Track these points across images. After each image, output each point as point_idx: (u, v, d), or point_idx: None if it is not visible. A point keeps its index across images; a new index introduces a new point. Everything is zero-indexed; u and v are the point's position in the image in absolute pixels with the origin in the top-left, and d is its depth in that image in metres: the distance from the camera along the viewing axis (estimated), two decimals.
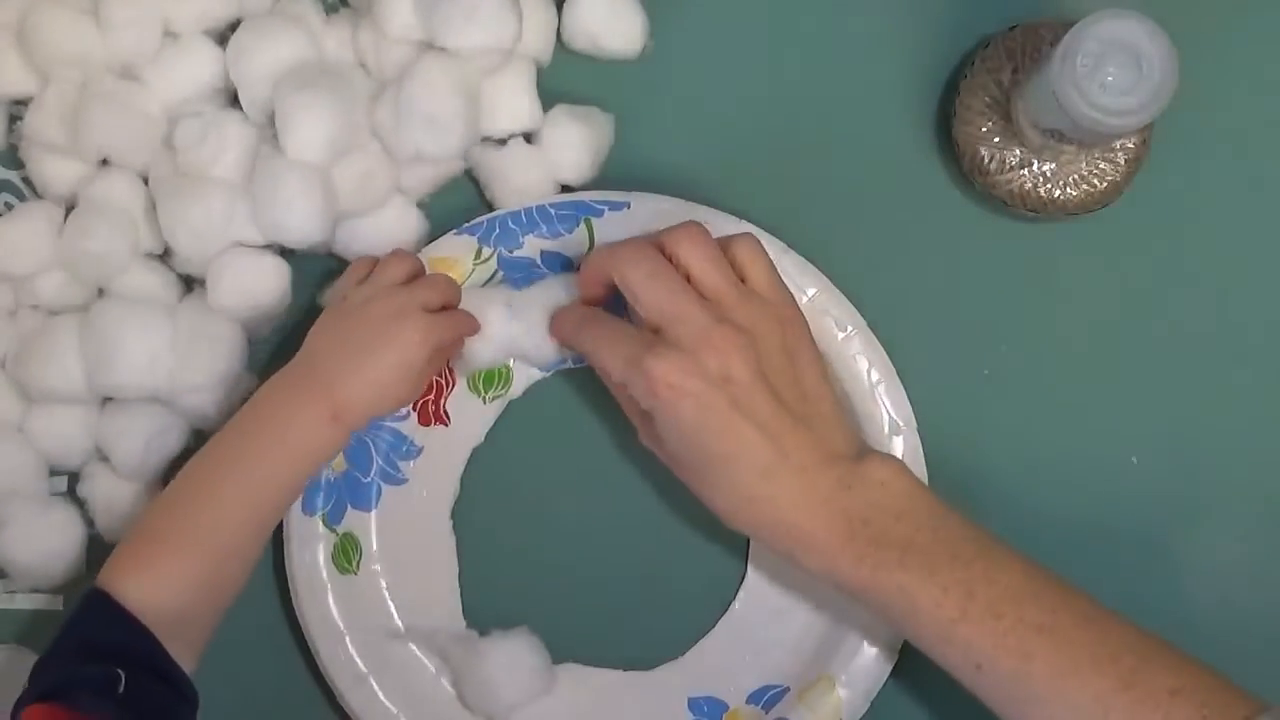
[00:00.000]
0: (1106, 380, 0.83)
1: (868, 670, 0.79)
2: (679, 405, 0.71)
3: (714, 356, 0.71)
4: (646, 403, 0.73)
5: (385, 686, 0.80)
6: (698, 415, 0.71)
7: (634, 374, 0.72)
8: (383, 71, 0.81)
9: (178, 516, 0.74)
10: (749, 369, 0.72)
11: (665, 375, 0.71)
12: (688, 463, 0.74)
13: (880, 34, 0.84)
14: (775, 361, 0.73)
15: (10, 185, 0.85)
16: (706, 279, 0.74)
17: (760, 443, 0.71)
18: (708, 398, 0.71)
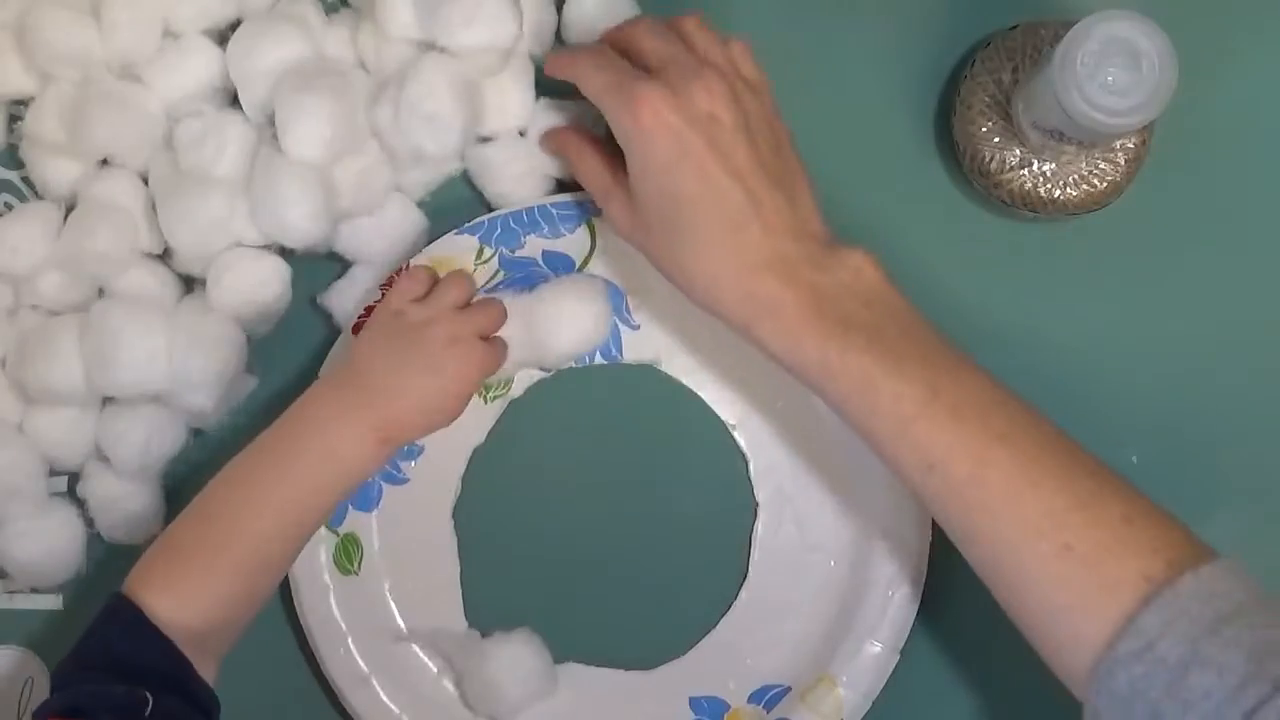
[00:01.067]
0: (1106, 380, 0.83)
1: (868, 670, 0.79)
2: (658, 137, 0.71)
3: (703, 94, 0.71)
4: (625, 132, 0.72)
5: (387, 687, 0.80)
6: (675, 151, 0.71)
7: (620, 97, 0.72)
8: (383, 71, 0.81)
9: (213, 529, 0.72)
10: (733, 116, 0.71)
11: (650, 100, 0.71)
12: (655, 214, 0.73)
13: (880, 34, 0.84)
14: (759, 126, 0.73)
15: (10, 185, 0.85)
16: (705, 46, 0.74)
17: (733, 190, 0.71)
18: (688, 135, 0.71)
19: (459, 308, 0.77)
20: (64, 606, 0.84)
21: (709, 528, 0.83)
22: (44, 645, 0.84)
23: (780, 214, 0.71)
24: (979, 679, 0.82)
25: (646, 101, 0.71)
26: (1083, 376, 0.83)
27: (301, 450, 0.73)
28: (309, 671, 0.82)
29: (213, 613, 0.70)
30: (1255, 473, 0.83)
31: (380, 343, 0.76)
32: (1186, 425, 0.83)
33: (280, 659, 0.83)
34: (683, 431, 0.83)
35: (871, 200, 0.84)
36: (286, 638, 0.82)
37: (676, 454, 0.83)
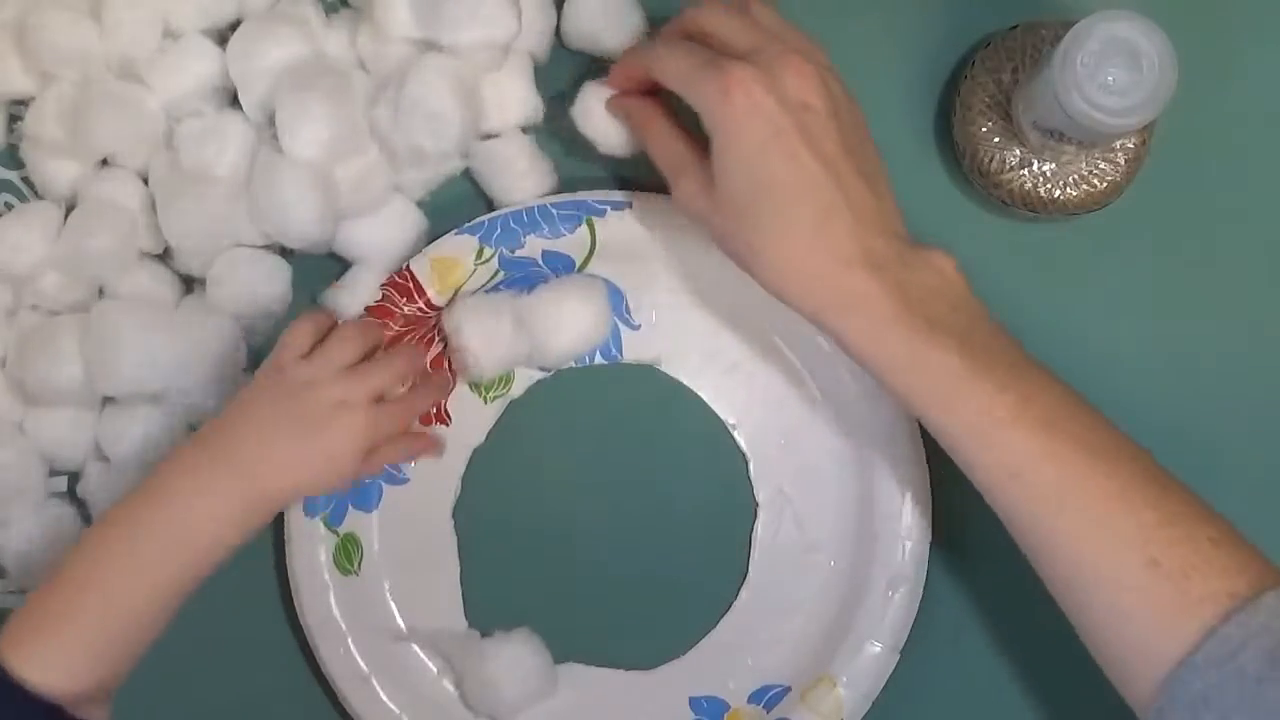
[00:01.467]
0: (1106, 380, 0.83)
1: (869, 670, 0.79)
2: (749, 121, 0.69)
3: (795, 79, 0.70)
4: (715, 115, 0.70)
5: (387, 687, 0.80)
6: (766, 134, 0.69)
7: (710, 78, 0.70)
8: (383, 71, 0.81)
9: (85, 598, 0.70)
10: (825, 102, 0.70)
11: (743, 82, 0.69)
12: (740, 199, 0.70)
13: (880, 34, 0.84)
14: (847, 116, 0.72)
15: (10, 185, 0.85)
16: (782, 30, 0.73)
17: (825, 180, 0.69)
18: (780, 119, 0.69)
19: (353, 364, 0.75)
20: None
21: (709, 528, 0.83)
22: None
23: (868, 206, 0.70)
24: (979, 679, 0.82)
25: (740, 82, 0.69)
26: (1082, 376, 0.83)
27: (155, 528, 0.70)
28: (309, 671, 0.82)
29: (89, 673, 0.69)
30: (1255, 472, 0.83)
31: (257, 405, 0.73)
32: (1186, 425, 0.83)
33: (280, 659, 0.83)
34: (683, 431, 0.83)
35: None
36: (286, 637, 0.82)
37: (676, 454, 0.83)
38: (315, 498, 0.80)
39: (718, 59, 0.70)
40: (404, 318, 0.81)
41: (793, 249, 0.70)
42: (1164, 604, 0.65)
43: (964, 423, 0.68)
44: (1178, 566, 0.65)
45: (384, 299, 0.81)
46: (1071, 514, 0.67)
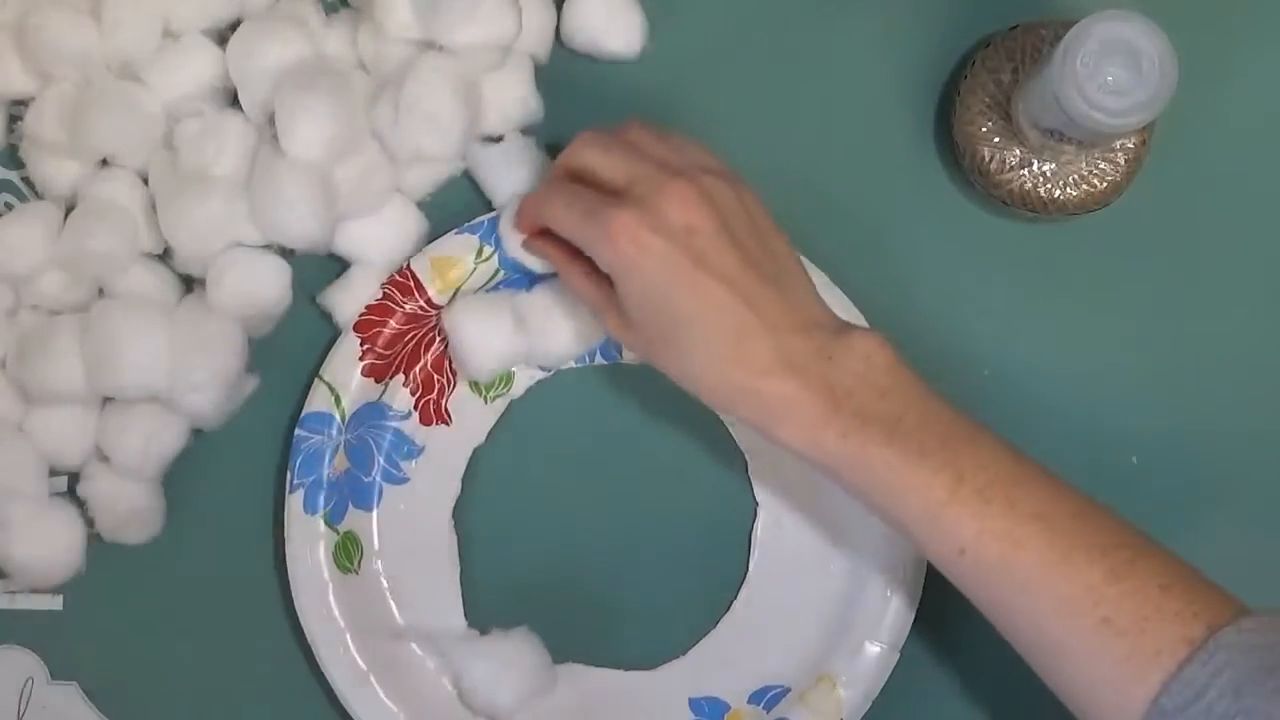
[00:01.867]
0: (1106, 380, 0.83)
1: (869, 671, 0.79)
2: (641, 263, 0.69)
3: (675, 206, 0.69)
4: (607, 263, 0.71)
5: (386, 686, 0.80)
6: (661, 272, 0.69)
7: (593, 228, 0.71)
8: (383, 71, 0.81)
9: None
10: (712, 221, 0.70)
11: (625, 227, 0.69)
12: (655, 332, 0.71)
13: (880, 34, 0.84)
14: (738, 221, 0.71)
15: (10, 185, 0.85)
16: (655, 148, 0.73)
17: (729, 300, 0.69)
18: (669, 254, 0.69)
19: None
20: (64, 606, 0.84)
21: (708, 527, 0.83)
22: (44, 645, 0.83)
23: (779, 310, 0.70)
24: (979, 678, 0.82)
25: (622, 228, 0.69)
26: (1082, 377, 0.83)
27: None
28: (307, 670, 0.81)
29: None
30: (1255, 473, 0.83)
31: None
32: (1186, 426, 0.83)
33: (278, 657, 0.83)
34: (682, 431, 0.83)
35: (872, 200, 0.84)
36: (285, 636, 0.82)
37: (676, 454, 0.83)
38: (316, 496, 0.80)
39: (597, 206, 0.71)
40: (404, 316, 0.81)
41: (715, 372, 0.70)
42: (1122, 661, 0.65)
43: (908, 511, 0.69)
44: (1129, 621, 0.65)
45: (384, 297, 0.81)
46: (1019, 586, 0.67)
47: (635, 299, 0.71)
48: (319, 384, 0.81)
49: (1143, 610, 0.65)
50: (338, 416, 0.81)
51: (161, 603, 0.84)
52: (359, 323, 0.81)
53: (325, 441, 0.81)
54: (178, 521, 0.83)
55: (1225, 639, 0.63)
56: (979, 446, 0.69)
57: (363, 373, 0.81)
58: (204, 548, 0.84)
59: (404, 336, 0.82)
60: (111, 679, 0.84)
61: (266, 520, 0.83)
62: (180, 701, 0.83)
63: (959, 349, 0.83)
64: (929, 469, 0.68)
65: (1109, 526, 0.68)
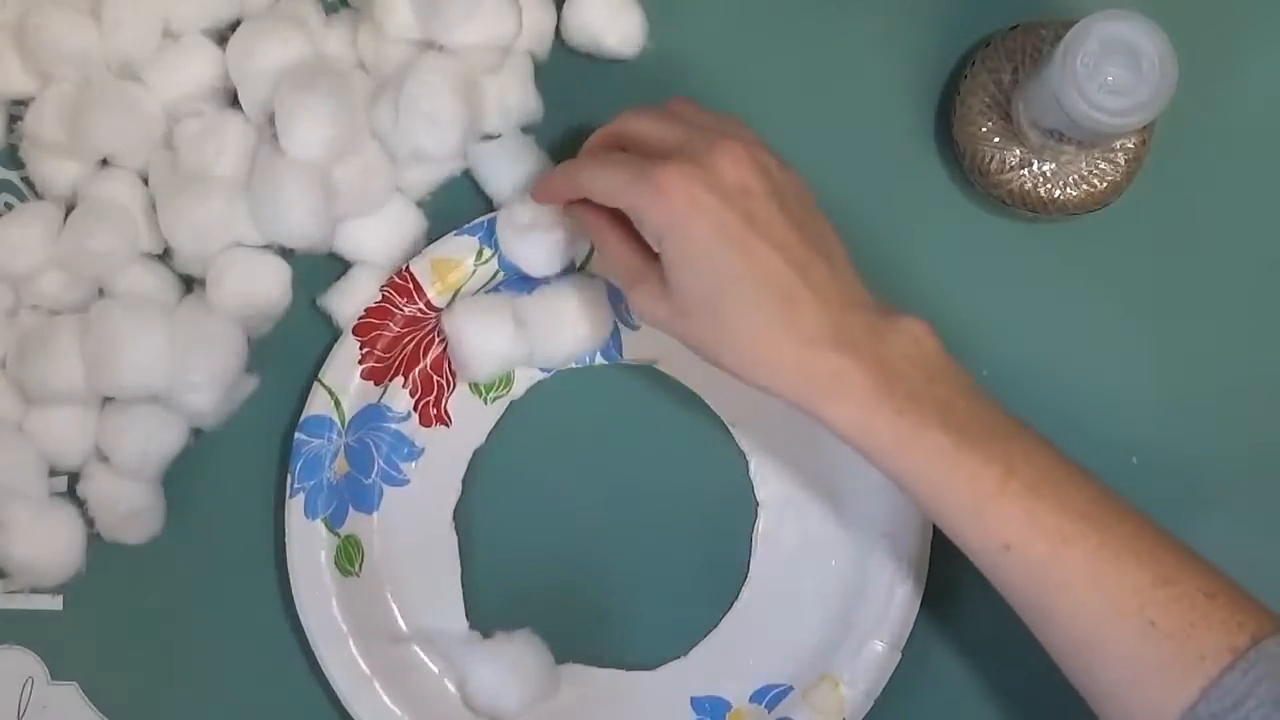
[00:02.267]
0: (1106, 380, 0.83)
1: (871, 669, 0.79)
2: (692, 220, 0.67)
3: (730, 165, 0.68)
4: (657, 223, 0.68)
5: (389, 689, 0.80)
6: (714, 231, 0.67)
7: (644, 188, 0.68)
8: (383, 71, 0.81)
9: None
10: (764, 184, 0.68)
11: (679, 183, 0.67)
12: (699, 299, 0.68)
13: (880, 34, 0.84)
14: (789, 191, 0.70)
15: (10, 185, 0.85)
16: (703, 119, 0.72)
17: (781, 265, 0.67)
18: (723, 213, 0.67)
19: None
20: (64, 606, 0.84)
21: (710, 527, 0.83)
22: (44, 645, 0.84)
23: (830, 283, 0.68)
24: (981, 677, 0.82)
25: (675, 183, 0.67)
26: (1083, 377, 0.83)
27: None
28: (310, 673, 0.81)
29: None
30: (1255, 474, 0.83)
31: None
32: (1186, 426, 0.83)
33: (281, 661, 0.83)
34: (683, 431, 0.83)
35: (872, 200, 0.84)
36: (287, 640, 0.82)
37: (677, 454, 0.83)
38: (316, 500, 0.80)
39: (647, 164, 0.69)
40: (404, 318, 0.81)
41: (761, 340, 0.68)
42: (1164, 665, 0.64)
43: (954, 500, 0.67)
44: (1175, 625, 0.65)
45: (384, 299, 0.81)
46: (1064, 584, 0.66)
47: (682, 260, 0.68)
48: (318, 388, 0.81)
49: (1189, 616, 0.65)
50: (337, 420, 0.81)
51: (161, 603, 0.84)
52: (358, 326, 0.81)
53: (325, 445, 0.81)
54: (178, 521, 0.83)
55: (1267, 649, 0.63)
56: (1026, 441, 0.68)
57: (362, 375, 0.81)
58: (204, 548, 0.84)
59: (403, 339, 0.82)
60: (111, 679, 0.84)
61: (266, 520, 0.83)
62: (180, 702, 0.84)
63: (959, 349, 0.82)
64: (980, 459, 0.66)
65: (1154, 531, 0.68)
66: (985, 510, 0.67)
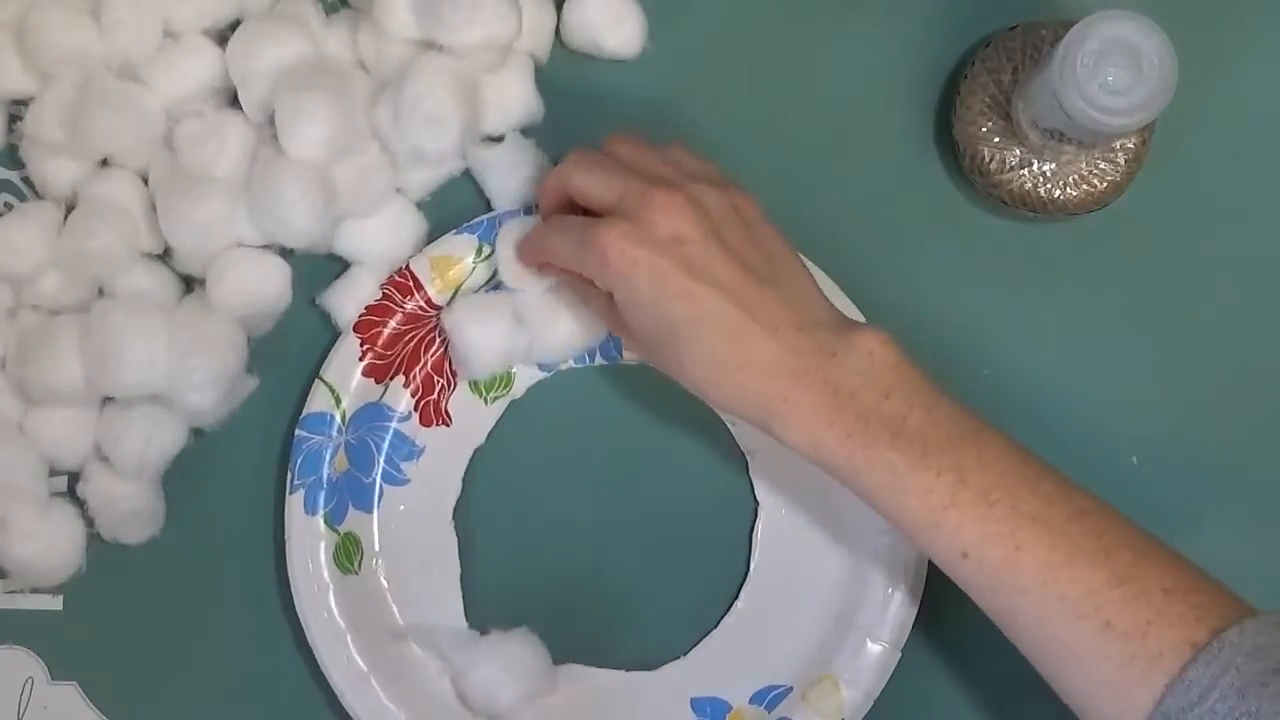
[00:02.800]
0: (1106, 380, 0.83)
1: (871, 669, 0.79)
2: (631, 275, 0.70)
3: (661, 217, 0.70)
4: (602, 280, 0.71)
5: (386, 686, 0.80)
6: (651, 282, 0.70)
7: (585, 250, 0.71)
8: (383, 71, 0.81)
9: None
10: (700, 229, 0.70)
11: (612, 242, 0.70)
12: (654, 339, 0.72)
13: (880, 34, 0.84)
14: (730, 226, 0.71)
15: (10, 185, 0.85)
16: (642, 161, 0.73)
17: (722, 305, 0.69)
18: (658, 263, 0.69)
19: None
20: (64, 606, 0.84)
21: (709, 527, 0.83)
22: (44, 645, 0.84)
23: (776, 311, 0.70)
24: (981, 676, 0.82)
25: (609, 244, 0.70)
26: (1083, 377, 0.83)
27: None
28: (308, 670, 0.81)
29: None
30: (1255, 473, 0.83)
31: None
32: (1186, 426, 0.83)
33: (278, 657, 0.83)
34: (682, 431, 0.83)
35: (872, 200, 0.84)
36: (285, 636, 0.82)
37: (676, 453, 0.83)
38: (316, 497, 0.80)
39: (587, 230, 0.71)
40: (404, 316, 0.81)
41: (717, 376, 0.70)
42: (1125, 665, 0.65)
43: (911, 514, 0.68)
44: (1132, 625, 0.65)
45: (384, 297, 0.81)
46: (1022, 589, 0.67)
47: (632, 312, 0.71)
48: (319, 384, 0.81)
49: (1145, 614, 0.65)
50: (338, 417, 0.81)
51: (161, 603, 0.84)
52: (359, 323, 0.81)
53: (325, 442, 0.81)
54: (178, 521, 0.83)
55: (1229, 640, 0.63)
56: (983, 445, 0.69)
57: (363, 373, 0.81)
58: (204, 548, 0.84)
59: (404, 337, 0.82)
60: (111, 679, 0.84)
61: (266, 520, 0.83)
62: (180, 702, 0.83)
63: (959, 349, 0.83)
64: (932, 471, 0.68)
65: (1113, 527, 0.68)
66: (940, 521, 0.68)
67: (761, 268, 0.71)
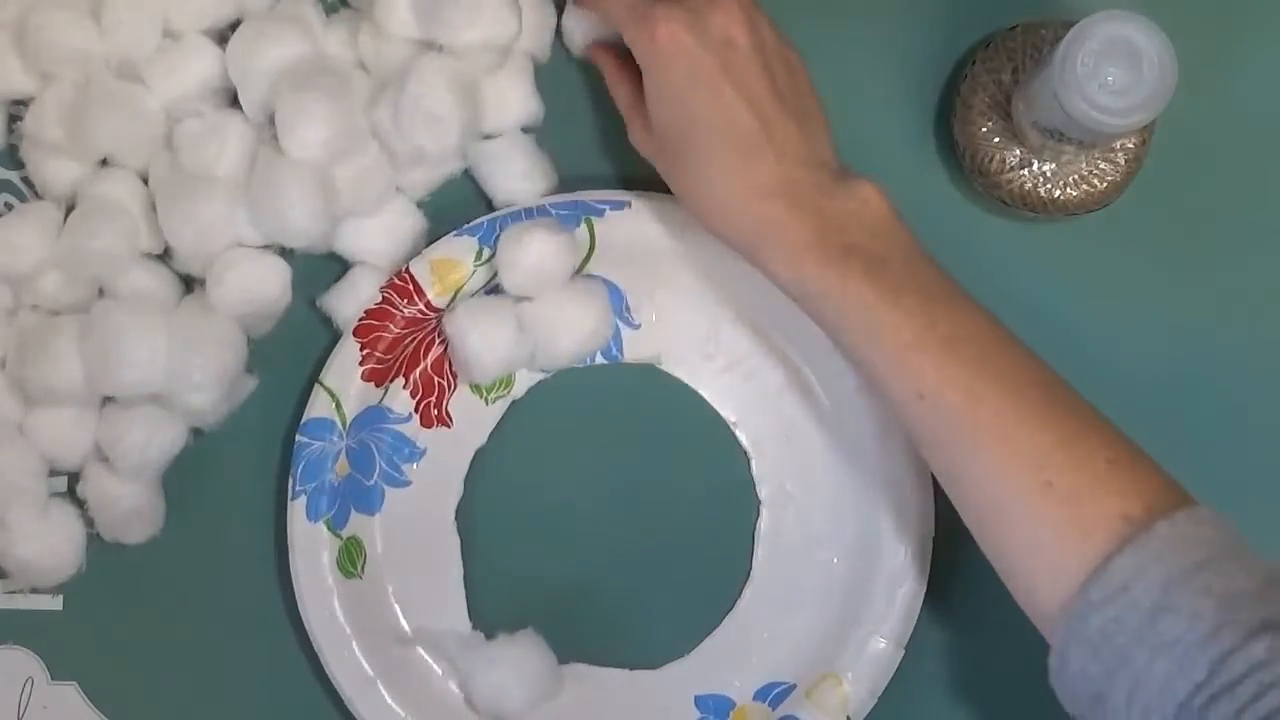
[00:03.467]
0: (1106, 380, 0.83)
1: (874, 666, 0.80)
2: (674, 60, 0.72)
3: (719, 17, 0.72)
4: (642, 54, 0.73)
5: (392, 690, 0.80)
6: (689, 73, 0.71)
7: (639, 23, 0.73)
8: (383, 71, 0.81)
9: None
10: (750, 40, 0.72)
11: (666, 22, 0.71)
12: (670, 134, 0.73)
13: (881, 33, 0.84)
14: (775, 55, 0.74)
15: (10, 185, 0.84)
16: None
17: (746, 115, 0.71)
18: (702, 58, 0.71)
19: None
20: (64, 606, 0.84)
21: (712, 526, 0.83)
22: (44, 645, 0.84)
23: (791, 141, 0.72)
24: (984, 674, 0.82)
25: (663, 23, 0.71)
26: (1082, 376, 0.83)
27: None
28: (313, 675, 0.81)
29: None
30: (1254, 472, 0.83)
31: None
32: (1186, 425, 0.83)
33: (283, 661, 0.83)
34: (684, 430, 0.83)
35: None
36: (290, 641, 0.82)
37: (678, 453, 0.84)
38: (318, 502, 0.80)
39: (646, 5, 0.73)
40: (404, 320, 0.81)
41: (716, 183, 0.72)
42: (1059, 527, 0.65)
43: (876, 351, 0.70)
44: (1071, 488, 0.66)
45: (383, 301, 0.81)
46: (971, 440, 0.68)
47: (659, 97, 0.73)
48: (319, 390, 0.81)
49: (1086, 480, 0.66)
50: (338, 422, 0.81)
51: (161, 603, 0.84)
52: (358, 327, 0.81)
53: (326, 447, 0.81)
54: (178, 521, 0.83)
55: (1159, 531, 0.63)
56: (956, 304, 0.70)
57: (363, 377, 0.81)
58: (204, 548, 0.84)
59: (404, 340, 0.82)
60: (111, 679, 0.84)
61: (267, 519, 0.83)
62: (180, 702, 0.83)
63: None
64: (902, 312, 0.69)
65: (1068, 399, 0.69)
66: (903, 359, 0.69)
67: (790, 100, 0.73)
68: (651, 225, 0.82)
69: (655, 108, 0.74)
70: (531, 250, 0.80)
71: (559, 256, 0.80)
